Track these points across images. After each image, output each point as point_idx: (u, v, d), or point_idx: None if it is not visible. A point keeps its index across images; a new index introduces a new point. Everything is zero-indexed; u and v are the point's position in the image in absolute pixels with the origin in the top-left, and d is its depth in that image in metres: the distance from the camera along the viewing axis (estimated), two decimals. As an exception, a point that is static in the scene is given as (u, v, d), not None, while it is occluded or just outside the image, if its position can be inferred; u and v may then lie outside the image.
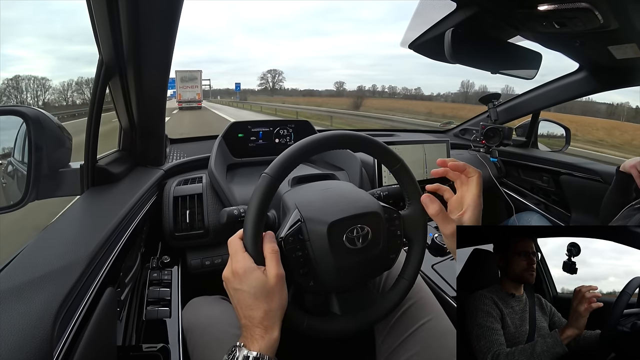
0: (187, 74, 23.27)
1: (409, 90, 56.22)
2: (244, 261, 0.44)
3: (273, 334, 0.41)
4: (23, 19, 60.59)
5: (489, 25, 0.86)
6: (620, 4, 0.66)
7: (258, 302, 0.42)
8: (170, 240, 0.81)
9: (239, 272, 0.43)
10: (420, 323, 0.59)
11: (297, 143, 0.48)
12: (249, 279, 0.43)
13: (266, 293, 0.42)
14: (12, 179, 0.67)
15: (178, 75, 23.02)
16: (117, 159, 0.80)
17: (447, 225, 0.47)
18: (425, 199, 0.50)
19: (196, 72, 23.47)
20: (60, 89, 23.44)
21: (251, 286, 0.42)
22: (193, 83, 23.17)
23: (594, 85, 1.25)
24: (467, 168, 0.51)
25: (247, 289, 0.42)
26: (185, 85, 22.96)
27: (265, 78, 60.22)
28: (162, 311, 0.64)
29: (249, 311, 0.42)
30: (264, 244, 0.45)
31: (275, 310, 0.43)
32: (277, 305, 0.43)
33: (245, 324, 0.42)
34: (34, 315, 0.32)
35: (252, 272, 0.43)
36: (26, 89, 18.90)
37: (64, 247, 0.45)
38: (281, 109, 18.46)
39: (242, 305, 0.43)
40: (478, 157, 1.50)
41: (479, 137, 1.54)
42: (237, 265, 0.44)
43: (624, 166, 0.93)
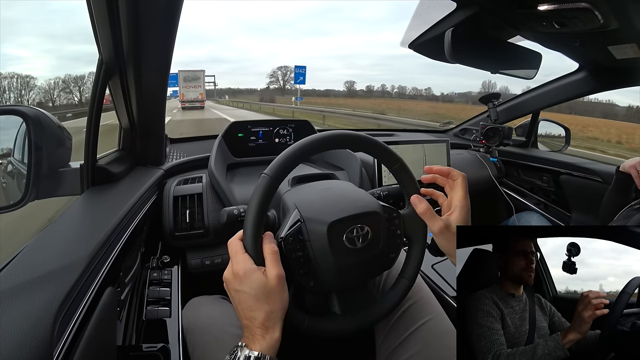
0: (190, 74, 22.69)
1: (419, 91, 54.26)
2: (244, 262, 0.44)
3: (274, 334, 0.42)
4: (23, 19, 60.30)
5: (489, 25, 0.86)
6: (620, 4, 0.66)
7: (259, 303, 0.42)
8: (170, 240, 0.81)
9: (240, 274, 0.43)
10: (420, 323, 0.59)
11: (296, 143, 0.48)
12: (249, 281, 0.43)
13: (267, 294, 0.42)
14: (12, 178, 0.67)
15: (181, 75, 22.35)
16: (117, 159, 0.80)
17: (435, 223, 0.50)
18: (414, 199, 0.53)
19: (199, 72, 22.92)
20: (47, 88, 22.61)
21: (252, 287, 0.42)
22: (196, 83, 22.64)
23: (593, 85, 1.25)
24: (452, 172, 0.53)
25: (248, 290, 0.42)
26: (188, 85, 22.42)
27: (276, 76, 55.54)
28: (162, 311, 0.64)
29: (250, 312, 0.42)
30: (263, 244, 0.45)
31: (277, 311, 0.43)
32: (278, 306, 0.43)
33: (247, 324, 0.42)
34: (34, 315, 0.32)
35: (253, 274, 0.43)
36: (9, 88, 18.03)
37: (64, 247, 0.45)
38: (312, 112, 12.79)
39: (243, 307, 0.43)
40: (478, 157, 1.50)
41: (478, 136, 1.54)
42: (238, 267, 0.44)
43: (623, 166, 0.93)
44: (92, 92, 0.67)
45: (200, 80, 22.82)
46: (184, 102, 21.90)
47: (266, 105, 22.58)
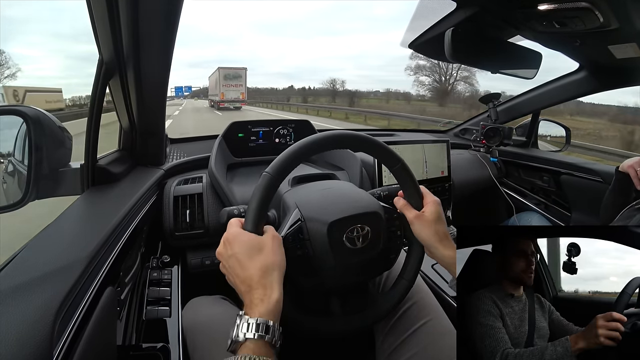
0: (231, 72, 20.61)
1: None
2: (233, 228, 0.44)
3: (273, 295, 0.40)
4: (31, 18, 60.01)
5: (489, 25, 0.86)
6: (620, 3, 0.66)
7: (252, 260, 0.42)
8: (170, 240, 0.81)
9: (229, 239, 0.43)
10: (420, 323, 0.59)
11: (297, 143, 0.48)
12: (239, 241, 0.43)
13: (259, 248, 0.42)
14: (12, 178, 0.67)
15: (221, 73, 20.36)
16: (117, 159, 0.80)
17: (411, 211, 0.54)
18: (395, 200, 0.57)
19: (241, 70, 20.88)
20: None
21: (242, 246, 0.42)
22: (237, 81, 20.55)
23: (593, 85, 1.24)
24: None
25: (239, 250, 0.42)
26: (229, 84, 20.33)
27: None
28: (162, 311, 0.64)
29: (246, 272, 0.41)
30: (266, 232, 0.46)
31: (272, 266, 0.42)
32: (273, 260, 0.42)
33: (245, 290, 0.41)
34: (34, 315, 0.32)
35: (243, 234, 0.43)
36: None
37: (64, 247, 0.45)
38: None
39: (238, 271, 0.42)
40: (478, 157, 1.50)
41: (479, 137, 1.54)
42: (227, 234, 0.44)
43: (622, 166, 0.93)
44: (92, 92, 0.67)
45: (242, 79, 20.88)
46: (224, 102, 20.36)
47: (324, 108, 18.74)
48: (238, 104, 20.58)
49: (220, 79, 20.32)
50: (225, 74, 20.50)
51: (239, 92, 20.81)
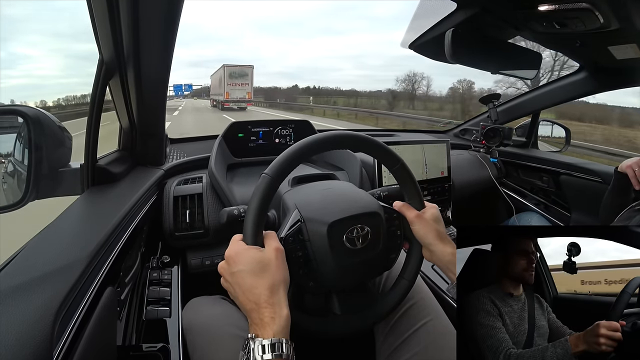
0: (237, 69, 19.33)
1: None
2: (236, 245, 0.43)
3: (282, 312, 0.39)
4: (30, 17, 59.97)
5: (489, 26, 0.86)
6: (620, 4, 0.66)
7: (258, 278, 0.40)
8: (170, 240, 0.81)
9: (232, 255, 0.43)
10: (420, 323, 0.59)
11: (297, 143, 0.48)
12: (243, 258, 0.42)
13: (264, 267, 0.41)
14: (12, 178, 0.67)
15: (227, 71, 19.11)
16: (117, 159, 0.80)
17: (411, 211, 0.54)
18: (395, 203, 0.56)
19: (247, 68, 19.53)
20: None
21: (247, 263, 0.41)
22: (243, 80, 19.24)
23: (594, 85, 1.25)
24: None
25: (244, 267, 0.41)
26: (235, 83, 19.04)
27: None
28: (162, 311, 0.64)
29: (253, 291, 0.40)
30: (267, 243, 0.45)
31: (279, 284, 0.41)
32: (279, 278, 0.41)
33: (252, 308, 0.40)
34: (34, 315, 0.32)
35: (246, 251, 0.42)
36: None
37: (64, 247, 0.45)
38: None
39: (244, 289, 0.41)
40: (478, 158, 1.50)
41: (479, 137, 1.54)
42: (229, 251, 0.43)
43: (621, 166, 0.93)
44: (92, 92, 0.67)
45: (249, 78, 19.52)
46: (229, 101, 19.22)
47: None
48: (244, 104, 19.59)
49: (225, 78, 19.26)
50: (230, 72, 19.43)
51: (245, 91, 19.68)
